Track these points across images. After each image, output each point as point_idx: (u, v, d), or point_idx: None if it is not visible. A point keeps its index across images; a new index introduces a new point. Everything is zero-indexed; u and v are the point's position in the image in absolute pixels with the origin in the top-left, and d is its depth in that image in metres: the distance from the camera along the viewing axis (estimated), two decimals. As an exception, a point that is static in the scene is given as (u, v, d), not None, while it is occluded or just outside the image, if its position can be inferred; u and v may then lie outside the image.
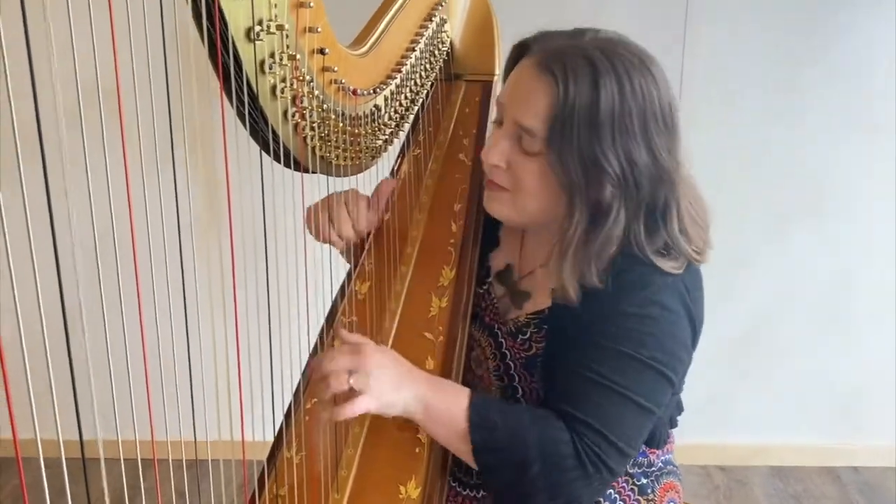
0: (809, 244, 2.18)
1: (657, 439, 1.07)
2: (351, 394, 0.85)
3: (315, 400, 0.98)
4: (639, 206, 0.90)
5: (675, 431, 1.13)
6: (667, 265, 0.92)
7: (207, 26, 0.73)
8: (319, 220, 1.05)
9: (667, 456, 1.12)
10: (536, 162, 0.91)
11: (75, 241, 0.61)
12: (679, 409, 1.11)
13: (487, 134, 1.01)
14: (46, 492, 0.54)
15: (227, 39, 0.73)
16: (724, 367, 2.23)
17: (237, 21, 0.72)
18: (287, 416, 0.99)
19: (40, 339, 0.52)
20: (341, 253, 1.12)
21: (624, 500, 1.06)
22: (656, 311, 0.90)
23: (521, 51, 0.98)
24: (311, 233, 1.06)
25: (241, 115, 0.78)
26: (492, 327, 1.07)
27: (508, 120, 0.94)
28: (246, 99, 0.76)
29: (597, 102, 0.86)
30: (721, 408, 2.24)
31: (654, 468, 1.10)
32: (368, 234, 1.09)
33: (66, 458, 0.51)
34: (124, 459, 0.62)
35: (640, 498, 1.07)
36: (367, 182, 1.08)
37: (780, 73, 2.03)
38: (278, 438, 0.98)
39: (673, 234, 0.93)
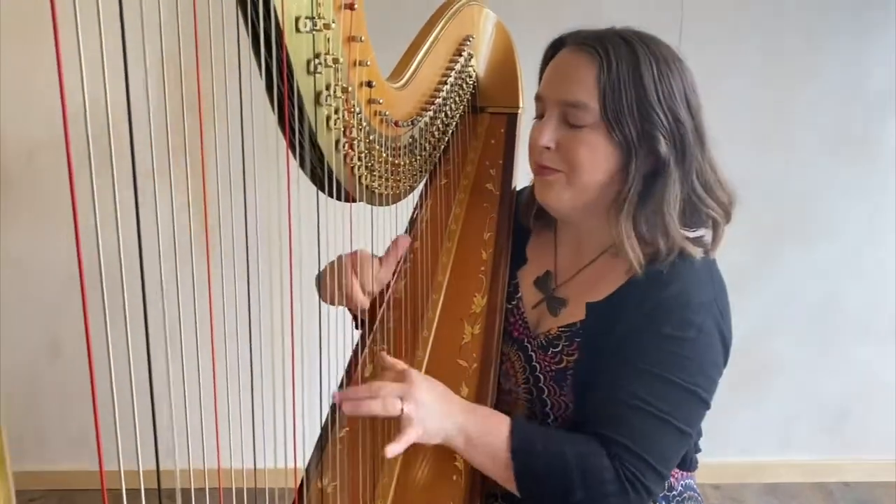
0: (798, 266, 2.24)
1: (685, 460, 1.09)
2: (397, 421, 0.86)
3: (346, 429, 0.99)
4: (690, 162, 0.94)
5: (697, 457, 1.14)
6: (700, 242, 0.97)
7: (266, 58, 0.74)
8: (328, 285, 1.02)
9: (687, 480, 1.13)
10: (586, 133, 0.94)
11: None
12: (700, 433, 1.13)
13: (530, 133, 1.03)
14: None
15: (284, 72, 0.74)
16: (718, 388, 2.26)
17: (300, 54, 0.74)
18: (318, 445, 0.98)
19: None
20: (353, 315, 1.09)
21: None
22: (693, 333, 0.92)
23: (555, 47, 1.02)
24: (322, 298, 1.06)
25: (292, 147, 0.80)
26: (521, 341, 1.07)
27: (552, 104, 0.97)
28: (305, 129, 0.77)
29: (638, 68, 0.92)
30: (715, 427, 2.25)
31: (674, 492, 1.11)
32: (382, 292, 1.07)
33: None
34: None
35: (663, 524, 1.08)
36: (392, 211, 1.09)
37: (769, 97, 2.10)
38: (309, 468, 0.98)
39: (714, 189, 0.97)
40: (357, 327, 1.11)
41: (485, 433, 0.90)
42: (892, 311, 2.28)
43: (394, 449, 0.84)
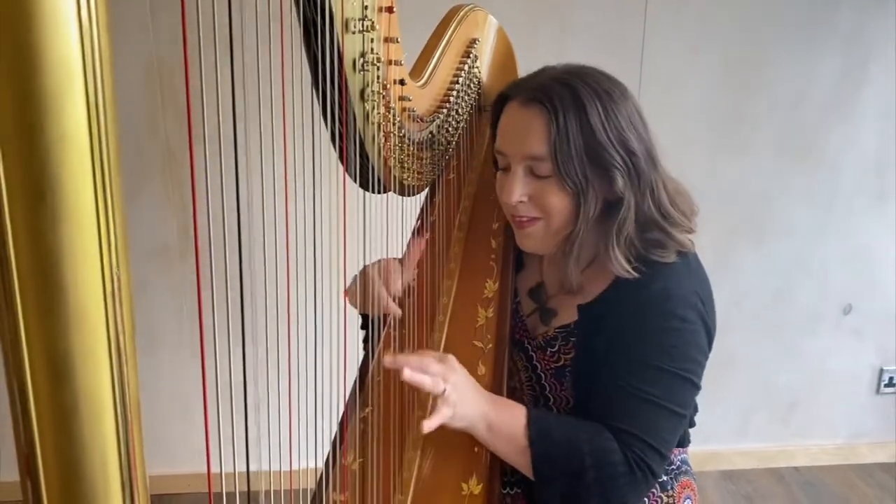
0: (751, 263, 2.37)
1: (682, 438, 1.18)
2: (420, 401, 0.91)
3: (369, 408, 1.04)
4: (645, 187, 1.01)
5: (691, 431, 1.24)
6: (684, 238, 1.05)
7: (317, 56, 0.80)
8: (359, 294, 1.08)
9: (683, 455, 1.23)
10: (552, 182, 1.01)
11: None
12: (695, 409, 1.22)
13: (496, 185, 1.09)
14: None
15: (335, 69, 0.80)
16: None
17: (350, 53, 0.80)
18: (342, 424, 1.03)
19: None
20: (370, 318, 1.12)
21: (648, 497, 1.15)
22: (676, 323, 1.00)
23: (501, 103, 1.08)
24: (352, 305, 1.10)
25: (333, 139, 0.85)
26: (521, 343, 1.16)
27: (515, 158, 1.03)
28: (350, 123, 0.83)
29: (584, 113, 0.98)
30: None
31: (673, 466, 1.20)
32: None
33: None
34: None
35: (662, 495, 1.17)
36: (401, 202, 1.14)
37: (726, 106, 2.23)
38: (334, 447, 1.02)
39: (674, 200, 1.05)
40: (363, 327, 1.15)
41: (505, 421, 0.95)
42: (837, 304, 2.45)
43: (429, 424, 0.89)
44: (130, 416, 0.50)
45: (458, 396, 0.91)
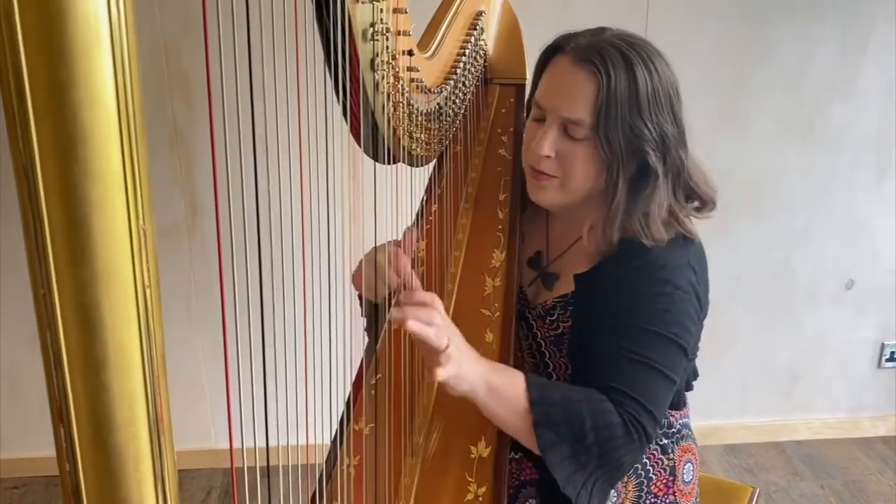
0: (751, 239, 2.38)
1: (677, 402, 1.21)
2: (437, 356, 0.89)
3: (379, 375, 1.06)
4: (674, 168, 1.04)
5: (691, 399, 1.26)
6: (691, 227, 1.07)
7: (328, 26, 0.81)
8: (366, 278, 1.06)
9: (684, 420, 1.26)
10: (583, 146, 1.02)
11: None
12: (695, 374, 1.25)
13: (525, 132, 1.10)
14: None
15: (346, 40, 0.82)
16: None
17: (361, 22, 0.81)
18: (355, 390, 1.05)
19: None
20: (368, 303, 1.12)
21: (649, 459, 1.18)
22: (669, 289, 1.02)
23: (550, 53, 1.09)
24: (358, 291, 1.10)
25: (344, 111, 0.87)
26: (522, 312, 1.18)
27: (553, 115, 1.04)
28: (360, 93, 0.84)
29: (635, 85, 0.99)
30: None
31: (673, 429, 1.22)
32: None
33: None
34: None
35: (662, 457, 1.19)
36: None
37: (727, 82, 2.23)
38: (346, 412, 1.04)
39: (697, 183, 1.08)
40: (363, 314, 1.15)
41: (505, 385, 0.95)
42: (838, 279, 2.46)
43: (440, 374, 0.89)
44: (157, 368, 0.52)
45: (461, 356, 0.91)
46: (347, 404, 1.04)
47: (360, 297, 1.16)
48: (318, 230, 0.76)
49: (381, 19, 0.85)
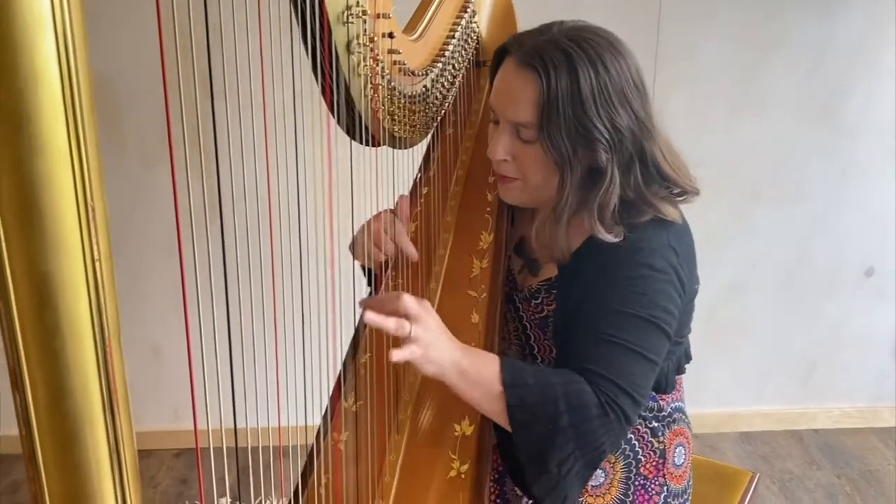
0: (770, 225, 2.35)
1: (665, 385, 1.20)
2: (406, 339, 0.90)
3: (369, 354, 1.08)
4: (630, 161, 1.03)
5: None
6: (669, 210, 1.05)
7: (303, 9, 0.82)
8: (366, 246, 1.10)
9: (676, 403, 1.25)
10: (534, 148, 1.03)
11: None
12: (687, 357, 1.24)
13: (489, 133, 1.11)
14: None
15: (320, 23, 0.83)
16: (695, 341, 2.37)
17: (334, 5, 0.82)
18: (344, 368, 1.07)
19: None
20: (372, 270, 1.15)
21: (639, 440, 1.18)
22: (645, 271, 1.02)
23: (500, 56, 1.09)
24: (358, 259, 1.13)
25: (323, 92, 0.88)
26: (510, 294, 1.19)
27: (503, 118, 1.06)
28: (337, 75, 0.86)
29: (577, 84, 0.98)
30: (692, 379, 2.39)
31: (663, 413, 1.22)
32: None
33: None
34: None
35: (652, 440, 1.19)
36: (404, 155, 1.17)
37: (742, 65, 2.20)
38: (336, 391, 1.06)
39: (666, 173, 1.06)
40: (369, 283, 1.18)
41: (478, 368, 0.95)
42: (857, 268, 2.42)
43: (396, 355, 0.89)
44: (109, 338, 0.54)
45: (431, 338, 0.91)
46: (337, 383, 1.06)
47: (362, 267, 1.18)
48: (286, 206, 0.77)
49: (358, 2, 0.86)
